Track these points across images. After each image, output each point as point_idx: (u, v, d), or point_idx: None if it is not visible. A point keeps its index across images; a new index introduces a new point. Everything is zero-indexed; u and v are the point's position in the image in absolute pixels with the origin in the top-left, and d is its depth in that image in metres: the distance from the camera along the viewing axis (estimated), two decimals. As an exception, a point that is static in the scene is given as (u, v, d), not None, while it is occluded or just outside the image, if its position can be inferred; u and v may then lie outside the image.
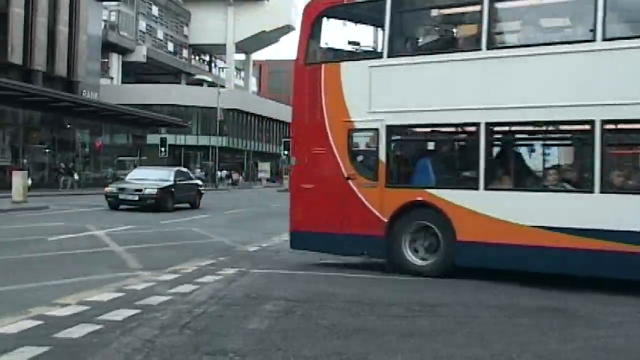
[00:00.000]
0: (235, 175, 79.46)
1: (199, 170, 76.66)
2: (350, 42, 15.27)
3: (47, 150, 54.92)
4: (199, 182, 37.89)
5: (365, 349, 7.75)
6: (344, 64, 14.66)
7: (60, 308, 9.27)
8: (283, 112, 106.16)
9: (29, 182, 35.20)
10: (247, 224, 26.07)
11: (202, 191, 36.58)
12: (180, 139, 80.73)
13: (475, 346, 8.06)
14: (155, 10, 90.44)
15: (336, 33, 15.35)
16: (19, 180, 32.49)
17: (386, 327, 8.96)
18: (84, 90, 61.19)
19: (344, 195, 13.94)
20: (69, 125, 58.31)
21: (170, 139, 68.75)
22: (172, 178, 32.67)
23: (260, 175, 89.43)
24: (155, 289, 10.99)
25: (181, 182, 33.43)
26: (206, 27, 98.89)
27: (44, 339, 7.66)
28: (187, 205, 33.71)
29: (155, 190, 30.85)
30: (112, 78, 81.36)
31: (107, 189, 32.18)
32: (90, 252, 15.99)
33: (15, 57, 51.45)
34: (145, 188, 30.81)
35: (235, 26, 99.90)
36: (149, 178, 32.37)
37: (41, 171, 53.68)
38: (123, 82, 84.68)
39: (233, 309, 9.69)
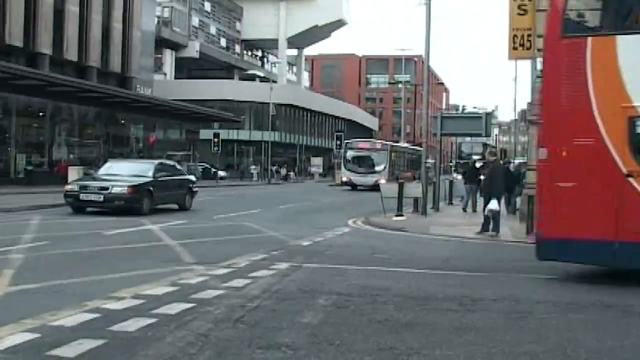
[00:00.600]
0: (283, 170, 79.58)
1: (253, 166, 76.97)
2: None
3: (101, 145, 55.45)
4: (190, 177, 31.73)
5: (417, 344, 7.74)
6: (622, 37, 12.08)
7: (116, 301, 9.39)
8: (335, 106, 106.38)
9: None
10: (300, 219, 26.13)
11: (195, 189, 29.88)
12: (233, 134, 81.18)
13: (528, 342, 8.01)
14: (207, 5, 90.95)
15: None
16: (75, 175, 32.86)
17: (438, 322, 8.94)
18: (138, 86, 61.78)
19: (621, 195, 11.73)
20: (122, 121, 58.90)
21: (223, 134, 69.15)
22: (150, 173, 26.50)
23: (312, 170, 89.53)
24: (209, 283, 11.07)
25: (164, 179, 27.12)
26: (258, 22, 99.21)
27: (100, 332, 7.77)
28: (174, 206, 28.10)
29: (125, 188, 24.59)
30: (165, 74, 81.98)
31: (67, 187, 26.00)
32: (145, 247, 16.14)
33: (71, 54, 52.10)
34: (113, 186, 24.58)
35: (288, 21, 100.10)
36: (122, 173, 26.33)
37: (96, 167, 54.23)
38: (176, 77, 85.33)
39: (286, 303, 9.74)
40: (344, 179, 58.05)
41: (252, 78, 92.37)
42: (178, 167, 31.79)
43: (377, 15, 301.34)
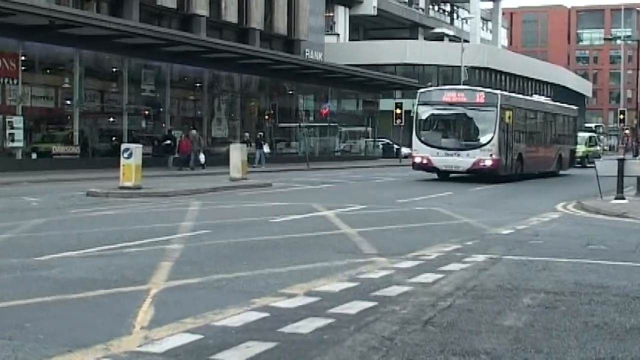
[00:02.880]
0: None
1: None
2: None
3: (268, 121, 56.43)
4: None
5: (645, 353, 7.57)
6: None
7: (286, 299, 9.56)
8: (538, 68, 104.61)
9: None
10: (498, 203, 25.97)
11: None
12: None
13: None
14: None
15: None
16: (237, 154, 33.55)
17: (670, 326, 8.71)
18: (307, 50, 62.59)
19: None
20: (290, 91, 59.74)
21: (407, 104, 69.15)
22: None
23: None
24: (393, 278, 11.13)
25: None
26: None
27: (270, 334, 7.92)
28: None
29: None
30: (337, 35, 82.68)
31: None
32: (319, 235, 16.37)
33: (230, 14, 53.22)
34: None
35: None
36: None
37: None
38: (350, 39, 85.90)
39: (484, 303, 9.69)
40: (417, 159, 39.59)
41: (440, 37, 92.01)
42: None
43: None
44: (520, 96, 50.26)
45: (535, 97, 52.91)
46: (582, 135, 63.22)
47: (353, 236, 16.22)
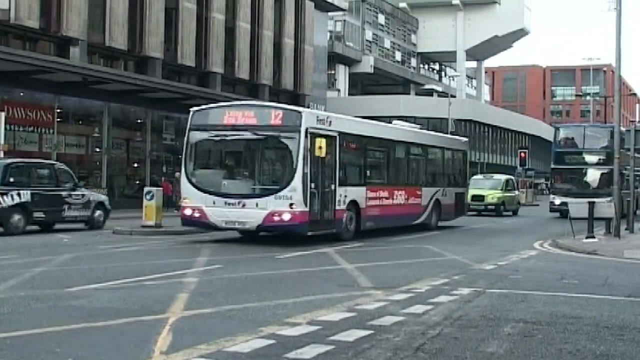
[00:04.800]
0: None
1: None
2: None
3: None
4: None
5: (614, 377, 7.51)
6: None
7: (291, 327, 9.53)
8: (518, 121, 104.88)
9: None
10: (482, 241, 25.93)
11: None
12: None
13: None
14: (381, 18, 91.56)
15: None
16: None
17: (637, 354, 8.65)
18: (311, 103, 62.72)
19: None
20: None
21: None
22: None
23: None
24: (388, 309, 11.10)
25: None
26: (435, 34, 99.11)
27: (277, 359, 7.91)
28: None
29: None
30: (338, 90, 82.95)
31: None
32: (320, 270, 16.34)
33: (242, 72, 53.48)
34: None
35: (466, 32, 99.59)
36: None
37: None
38: (350, 93, 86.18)
39: (469, 331, 9.65)
40: (187, 211, 23.32)
41: (430, 93, 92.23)
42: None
43: (561, 23, 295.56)
44: (355, 119, 29.55)
45: (397, 123, 33.33)
46: (498, 178, 51.54)
47: (352, 271, 16.19)
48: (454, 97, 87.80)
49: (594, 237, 25.43)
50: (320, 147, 22.12)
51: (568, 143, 46.42)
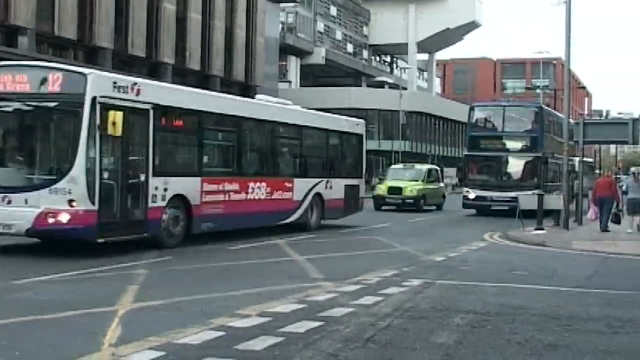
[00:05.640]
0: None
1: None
2: None
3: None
4: None
5: (561, 367, 7.60)
6: None
7: (241, 319, 9.52)
8: (467, 112, 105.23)
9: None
10: (432, 232, 26.06)
11: None
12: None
13: (683, 366, 7.76)
14: (333, 10, 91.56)
15: None
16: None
17: (583, 344, 8.76)
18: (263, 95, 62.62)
19: None
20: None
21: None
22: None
23: (445, 181, 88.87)
24: (338, 300, 11.12)
25: None
26: (386, 26, 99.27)
27: (226, 351, 7.89)
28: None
29: None
30: (290, 82, 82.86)
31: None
32: (271, 262, 16.33)
33: (193, 62, 53.18)
34: None
35: (417, 24, 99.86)
36: None
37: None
38: (301, 85, 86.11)
39: (419, 322, 9.70)
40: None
41: (381, 85, 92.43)
42: None
43: (512, 16, 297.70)
44: (184, 88, 23.18)
45: (261, 97, 26.39)
46: (419, 169, 44.31)
47: (302, 262, 16.21)
48: (405, 89, 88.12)
49: (543, 229, 25.68)
50: (114, 123, 16.22)
51: (485, 125, 40.59)
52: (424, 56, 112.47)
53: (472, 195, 37.21)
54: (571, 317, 10.36)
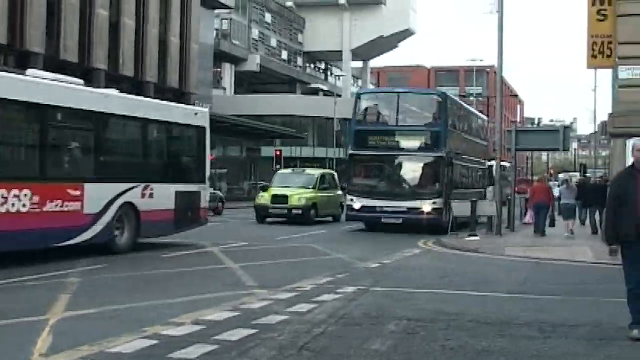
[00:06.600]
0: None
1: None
2: None
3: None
4: None
5: (494, 372, 7.66)
6: None
7: (175, 327, 9.46)
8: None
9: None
10: (366, 240, 26.11)
11: None
12: (296, 151, 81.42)
13: (613, 370, 7.88)
14: (268, 17, 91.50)
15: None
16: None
17: (516, 349, 8.85)
18: (196, 102, 62.23)
19: None
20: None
21: (286, 151, 69.40)
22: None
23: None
24: (272, 308, 11.11)
25: None
26: (321, 33, 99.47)
27: (160, 359, 7.84)
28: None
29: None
30: (224, 88, 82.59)
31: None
32: (205, 270, 16.25)
33: (127, 69, 52.77)
34: None
35: (352, 32, 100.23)
36: None
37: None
38: (236, 92, 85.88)
39: (353, 329, 9.72)
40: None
41: (315, 92, 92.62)
42: None
43: (445, 24, 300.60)
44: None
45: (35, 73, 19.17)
46: (310, 174, 38.06)
47: (236, 270, 16.15)
48: (340, 96, 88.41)
49: (476, 235, 25.94)
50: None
51: (376, 118, 32.99)
52: (359, 63, 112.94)
53: (357, 205, 29.90)
54: (504, 322, 10.46)
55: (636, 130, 22.80)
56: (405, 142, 30.47)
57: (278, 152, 63.83)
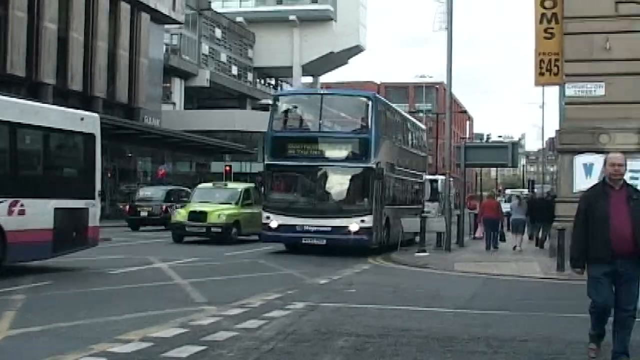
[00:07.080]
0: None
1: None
2: None
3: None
4: None
5: (442, 388, 7.69)
6: None
7: (123, 344, 9.37)
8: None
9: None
10: (318, 257, 26.07)
11: None
12: (246, 167, 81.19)
13: (560, 385, 7.93)
14: (218, 32, 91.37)
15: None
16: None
17: (465, 364, 8.90)
18: (146, 117, 62.04)
19: None
20: (130, 154, 59.10)
21: (235, 167, 69.21)
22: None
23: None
24: (222, 324, 11.06)
25: None
26: (271, 49, 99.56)
27: (107, 377, 7.78)
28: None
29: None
30: (174, 103, 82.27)
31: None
32: (153, 286, 16.13)
33: (75, 83, 52.37)
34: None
35: (302, 48, 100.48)
36: None
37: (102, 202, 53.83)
38: (185, 107, 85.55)
39: (302, 346, 9.71)
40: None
41: (266, 108, 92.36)
42: None
43: (395, 41, 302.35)
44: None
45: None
46: (233, 188, 34.63)
47: (185, 286, 16.05)
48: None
49: (425, 251, 26.03)
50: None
51: (295, 123, 28.99)
52: (309, 79, 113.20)
53: (274, 224, 26.07)
54: (452, 337, 10.51)
55: (583, 147, 23.21)
56: (330, 151, 26.76)
57: (227, 168, 63.57)
